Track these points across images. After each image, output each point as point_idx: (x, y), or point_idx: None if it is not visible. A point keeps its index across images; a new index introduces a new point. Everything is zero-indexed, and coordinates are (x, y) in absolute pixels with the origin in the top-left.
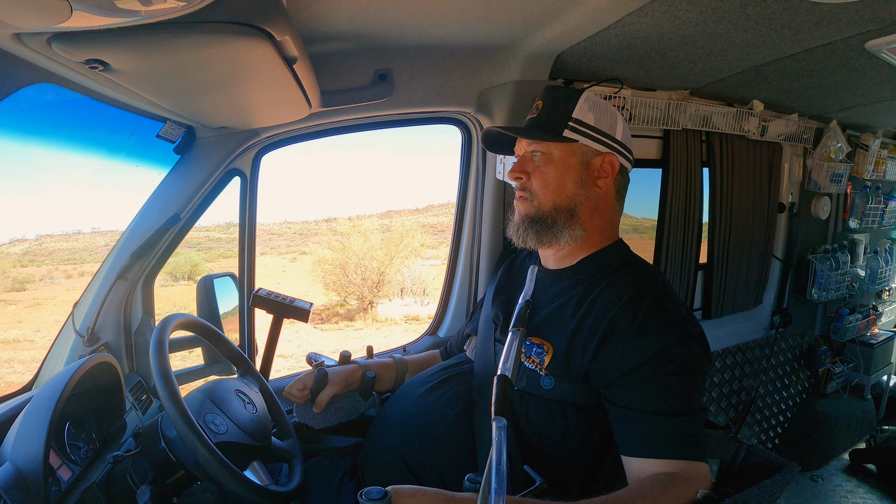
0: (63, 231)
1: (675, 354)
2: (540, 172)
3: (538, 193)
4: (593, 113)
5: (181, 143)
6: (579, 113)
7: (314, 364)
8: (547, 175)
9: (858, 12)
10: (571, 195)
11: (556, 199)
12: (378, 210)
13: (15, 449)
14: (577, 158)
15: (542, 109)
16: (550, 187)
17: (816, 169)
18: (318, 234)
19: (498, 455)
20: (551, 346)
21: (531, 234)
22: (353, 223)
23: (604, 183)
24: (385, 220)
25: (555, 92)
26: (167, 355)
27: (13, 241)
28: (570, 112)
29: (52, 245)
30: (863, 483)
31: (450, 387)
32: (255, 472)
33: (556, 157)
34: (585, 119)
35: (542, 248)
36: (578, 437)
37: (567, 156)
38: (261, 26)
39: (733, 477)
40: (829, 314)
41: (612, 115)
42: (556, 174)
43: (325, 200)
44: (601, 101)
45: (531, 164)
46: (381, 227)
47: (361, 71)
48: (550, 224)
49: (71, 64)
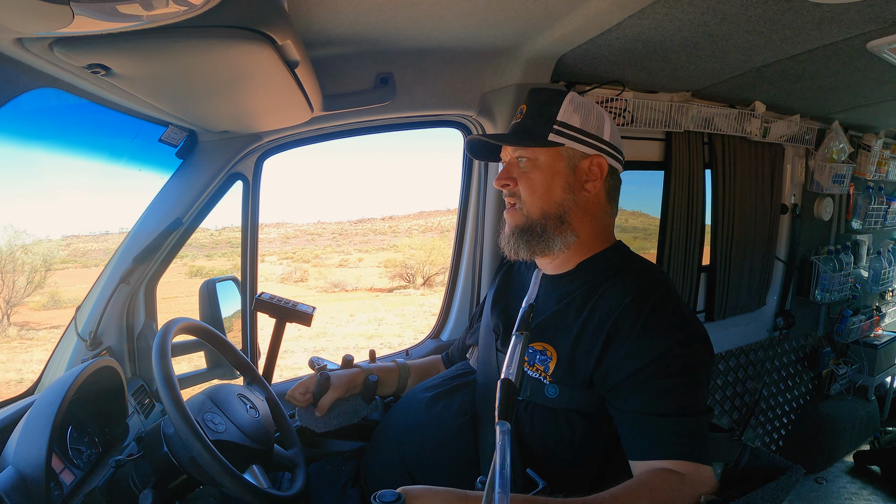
0: (90, 232)
1: (678, 356)
2: (526, 179)
3: (526, 201)
4: (579, 114)
5: (183, 147)
6: (564, 115)
7: (316, 368)
8: (534, 181)
9: (860, 13)
10: (560, 201)
11: (544, 206)
12: (412, 211)
13: (17, 453)
14: (563, 162)
15: (526, 114)
16: (538, 193)
17: (819, 170)
18: (356, 234)
19: (502, 458)
20: (555, 351)
21: (522, 245)
22: (389, 224)
23: (592, 186)
24: (419, 220)
25: (538, 95)
26: (170, 359)
27: (36, 241)
28: (555, 115)
29: (82, 246)
30: (867, 485)
31: (455, 397)
32: (254, 476)
33: (543, 163)
34: (571, 121)
35: (536, 258)
36: (584, 444)
37: (553, 160)
38: (262, 30)
39: (737, 480)
40: (833, 315)
41: (599, 116)
42: (542, 180)
43: (358, 201)
44: (586, 102)
45: (517, 170)
46: (418, 227)
47: (363, 75)
48: (540, 232)
49: (73, 68)
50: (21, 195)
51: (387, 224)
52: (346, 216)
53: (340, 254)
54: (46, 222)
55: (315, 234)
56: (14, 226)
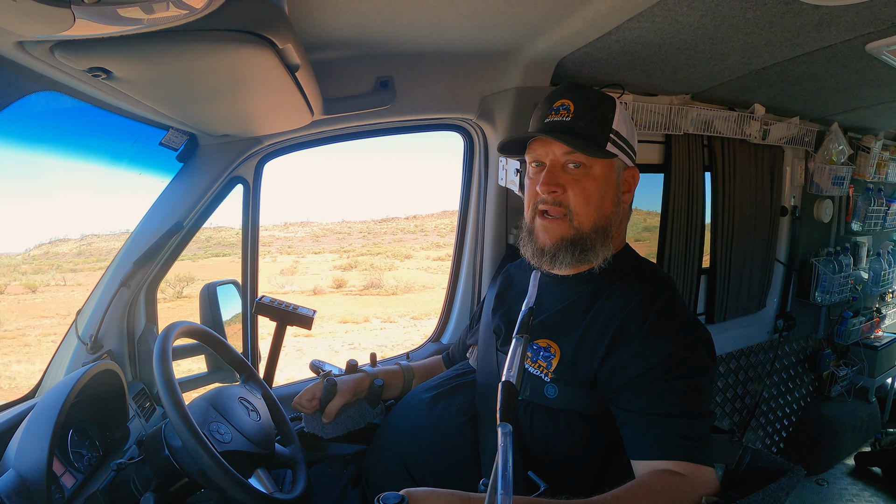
0: (111, 231)
1: (683, 359)
2: (579, 187)
3: (578, 212)
4: (626, 125)
5: (184, 150)
6: (617, 124)
7: (321, 373)
8: (588, 191)
9: (858, 14)
10: (609, 214)
11: (596, 219)
12: (435, 210)
13: (18, 456)
14: (615, 174)
15: (576, 114)
16: (592, 205)
17: (818, 172)
18: (385, 233)
19: (504, 460)
20: (559, 348)
21: (567, 257)
22: (414, 223)
23: (628, 198)
24: (444, 219)
25: (587, 94)
26: (171, 363)
27: (54, 241)
28: (611, 122)
29: (103, 245)
30: (868, 486)
31: (455, 397)
32: (260, 480)
33: (598, 172)
34: (621, 131)
35: (571, 268)
36: (584, 445)
37: (608, 171)
38: (263, 34)
39: (738, 481)
40: (833, 317)
41: (631, 125)
42: (598, 191)
43: (380, 200)
44: (625, 111)
45: (564, 175)
46: (444, 225)
47: (363, 78)
48: (590, 246)
49: (74, 72)
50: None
51: (412, 223)
52: (369, 215)
53: (384, 255)
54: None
55: (343, 233)
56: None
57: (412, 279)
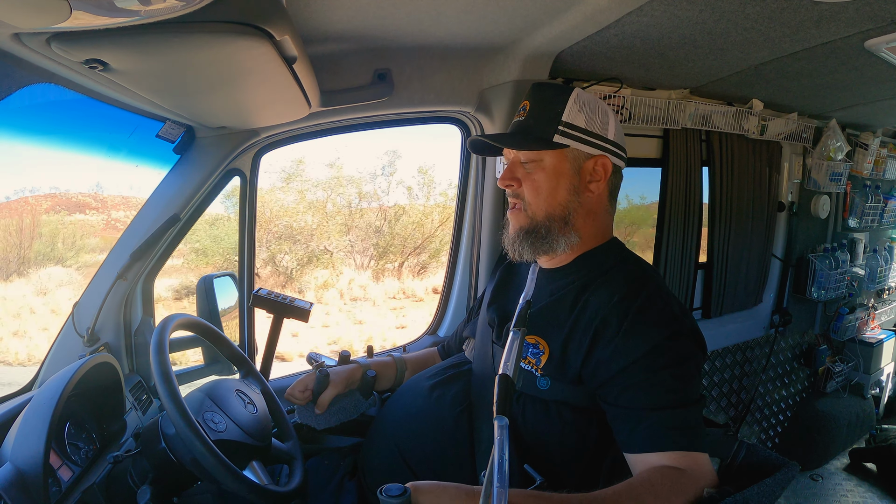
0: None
1: (665, 349)
2: (531, 180)
3: (530, 203)
4: (584, 114)
5: (181, 142)
6: (569, 115)
7: (314, 364)
8: (538, 183)
9: (858, 11)
10: (564, 203)
11: (548, 208)
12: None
13: (15, 449)
14: (569, 164)
15: (530, 112)
16: (542, 196)
17: (816, 168)
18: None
19: (500, 453)
20: (547, 345)
21: (526, 246)
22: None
23: (596, 187)
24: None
25: (542, 91)
26: (167, 355)
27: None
28: (560, 115)
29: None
30: (863, 482)
31: (450, 387)
32: (255, 472)
33: (548, 164)
34: (576, 122)
35: (538, 258)
36: (575, 436)
37: (558, 162)
38: (260, 26)
39: (733, 476)
40: (829, 313)
41: (604, 114)
42: (547, 182)
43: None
44: (592, 100)
45: (521, 170)
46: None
47: (361, 70)
48: (545, 234)
49: (70, 64)
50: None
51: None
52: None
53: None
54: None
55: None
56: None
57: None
